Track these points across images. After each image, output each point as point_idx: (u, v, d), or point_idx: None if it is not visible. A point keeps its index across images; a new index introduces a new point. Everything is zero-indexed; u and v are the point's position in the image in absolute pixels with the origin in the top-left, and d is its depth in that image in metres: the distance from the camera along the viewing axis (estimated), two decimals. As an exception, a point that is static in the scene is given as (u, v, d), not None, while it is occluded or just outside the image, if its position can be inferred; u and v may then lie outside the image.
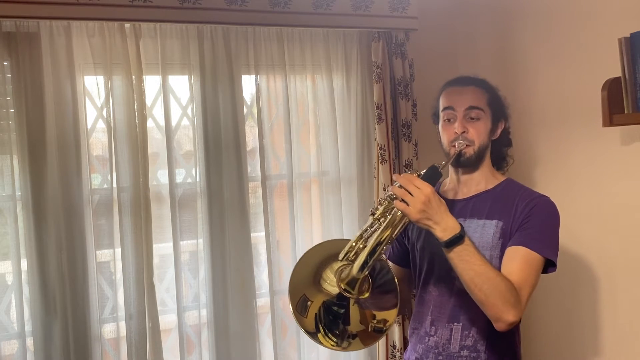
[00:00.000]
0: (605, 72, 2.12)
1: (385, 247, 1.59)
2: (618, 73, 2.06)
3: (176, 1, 2.35)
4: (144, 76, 2.39)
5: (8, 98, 2.26)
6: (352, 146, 2.78)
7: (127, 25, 2.36)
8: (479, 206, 1.79)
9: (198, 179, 2.53)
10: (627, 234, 2.27)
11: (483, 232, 1.74)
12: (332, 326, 1.63)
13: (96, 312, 2.37)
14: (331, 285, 1.62)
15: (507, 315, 1.55)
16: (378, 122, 2.71)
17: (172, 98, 2.51)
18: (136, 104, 2.37)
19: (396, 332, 2.72)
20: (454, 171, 1.86)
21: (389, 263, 1.97)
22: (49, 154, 2.26)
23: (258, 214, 2.65)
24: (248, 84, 2.64)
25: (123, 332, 2.39)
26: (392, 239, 1.61)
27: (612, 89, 2.07)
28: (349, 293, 1.60)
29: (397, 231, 1.60)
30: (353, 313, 1.63)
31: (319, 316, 1.63)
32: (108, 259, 2.44)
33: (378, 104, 2.70)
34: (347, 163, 2.79)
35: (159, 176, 2.53)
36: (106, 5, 2.25)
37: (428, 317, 1.81)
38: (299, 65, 2.69)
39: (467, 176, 1.83)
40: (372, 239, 1.57)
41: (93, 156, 2.43)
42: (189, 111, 2.53)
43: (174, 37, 2.45)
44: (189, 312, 2.55)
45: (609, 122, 2.09)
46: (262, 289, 2.67)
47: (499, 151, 1.89)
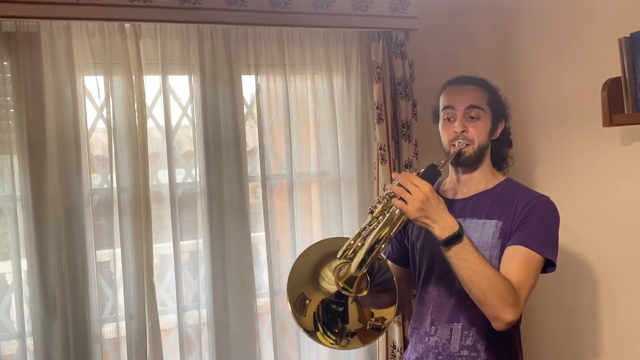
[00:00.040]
0: (605, 72, 2.12)
1: (383, 245, 1.59)
2: (618, 73, 2.06)
3: (176, 1, 2.35)
4: (144, 76, 2.39)
5: (8, 98, 2.26)
6: (352, 146, 2.78)
7: (127, 25, 2.36)
8: (479, 206, 1.79)
9: (198, 179, 2.53)
10: (627, 234, 2.27)
11: (483, 232, 1.74)
12: (331, 324, 1.63)
13: (96, 312, 2.37)
14: (329, 283, 1.62)
15: (506, 314, 1.55)
16: (378, 122, 2.71)
17: (172, 98, 2.51)
18: (136, 104, 2.37)
19: (396, 332, 2.72)
20: (454, 171, 1.86)
21: (389, 262, 1.97)
22: (49, 154, 2.26)
23: (258, 214, 2.65)
24: (248, 84, 2.64)
25: (123, 332, 2.39)
26: (391, 237, 1.61)
27: (612, 89, 2.07)
28: (347, 291, 1.60)
29: (396, 229, 1.60)
30: (351, 311, 1.63)
31: (318, 314, 1.63)
32: (108, 259, 2.44)
33: (378, 104, 2.70)
34: (347, 163, 2.79)
35: (159, 176, 2.53)
36: (106, 5, 2.25)
37: (428, 317, 1.81)
38: (299, 65, 2.69)
39: (467, 176, 1.83)
40: (370, 237, 1.57)
41: (93, 156, 2.43)
42: (189, 111, 2.53)
43: (174, 37, 2.46)
44: (189, 312, 2.55)
45: (609, 122, 2.09)
46: (262, 289, 2.67)
47: (499, 152, 1.89)
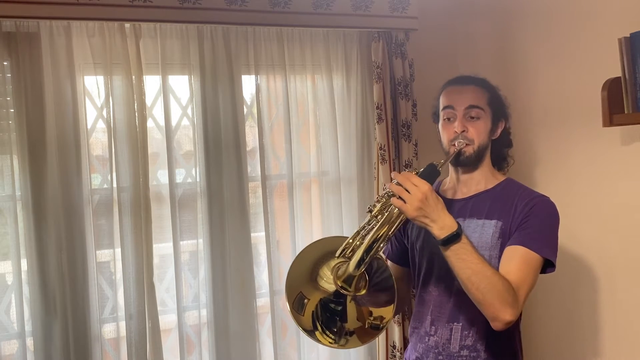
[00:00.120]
0: (605, 72, 2.12)
1: (382, 244, 1.58)
2: (618, 73, 2.06)
3: (176, 1, 2.35)
4: (144, 76, 2.39)
5: (8, 98, 2.26)
6: (352, 146, 2.78)
7: (127, 25, 2.36)
8: (479, 206, 1.78)
9: (198, 179, 2.53)
10: (627, 234, 2.27)
11: (482, 232, 1.74)
12: (330, 324, 1.62)
13: (96, 312, 2.37)
14: (328, 282, 1.62)
15: (504, 314, 1.54)
16: (378, 122, 2.71)
17: (172, 98, 2.51)
18: (136, 104, 2.37)
19: (396, 332, 2.72)
20: (454, 170, 1.86)
21: (389, 262, 1.97)
22: (49, 154, 2.26)
23: (258, 214, 2.65)
24: (248, 84, 2.64)
25: (123, 332, 2.39)
26: (389, 236, 1.60)
27: (612, 89, 2.07)
28: (346, 290, 1.60)
29: (394, 228, 1.59)
30: (350, 310, 1.62)
31: (316, 314, 1.62)
32: (108, 259, 2.44)
33: (378, 104, 2.70)
34: (347, 163, 2.79)
35: (159, 176, 2.53)
36: (106, 5, 2.26)
37: (428, 317, 1.81)
38: (299, 65, 2.69)
39: (467, 176, 1.83)
40: (369, 236, 1.57)
41: (93, 156, 2.43)
42: (189, 111, 2.53)
43: (174, 37, 2.46)
44: (189, 312, 2.55)
45: (609, 122, 2.09)
46: (262, 289, 2.67)
47: (500, 151, 1.89)
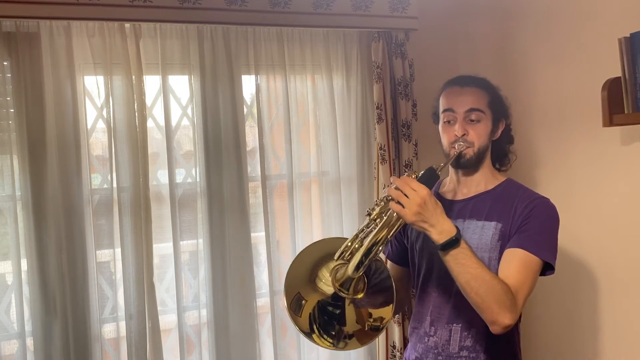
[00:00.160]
0: (605, 72, 2.12)
1: (381, 248, 1.58)
2: (618, 73, 2.06)
3: (176, 1, 2.35)
4: (144, 76, 2.39)
5: (8, 98, 2.26)
6: (352, 146, 2.78)
7: (127, 25, 2.36)
8: (479, 207, 1.78)
9: (198, 179, 2.53)
10: (627, 234, 2.27)
11: (482, 234, 1.74)
12: (327, 327, 1.61)
13: (96, 312, 2.37)
14: (326, 284, 1.61)
15: (503, 318, 1.54)
16: (378, 122, 2.71)
17: (172, 98, 2.51)
18: (136, 104, 2.37)
19: (396, 332, 2.72)
20: (454, 171, 1.85)
21: (388, 262, 1.97)
22: (49, 154, 2.26)
23: (258, 214, 2.65)
24: (248, 84, 2.64)
25: (123, 332, 2.39)
26: (388, 240, 1.60)
27: (612, 89, 2.07)
28: (344, 293, 1.59)
29: (393, 232, 1.59)
30: (349, 313, 1.61)
31: (314, 316, 1.61)
32: (108, 259, 2.44)
33: (378, 104, 2.70)
34: (347, 163, 2.79)
35: (159, 176, 2.53)
36: (106, 5, 2.26)
37: (427, 318, 1.81)
38: (299, 65, 2.69)
39: (467, 176, 1.82)
40: (368, 239, 1.56)
41: (93, 156, 2.43)
42: (189, 111, 2.53)
43: (174, 37, 2.46)
44: (189, 312, 2.55)
45: (609, 122, 2.09)
46: (262, 289, 2.67)
47: (501, 149, 1.88)
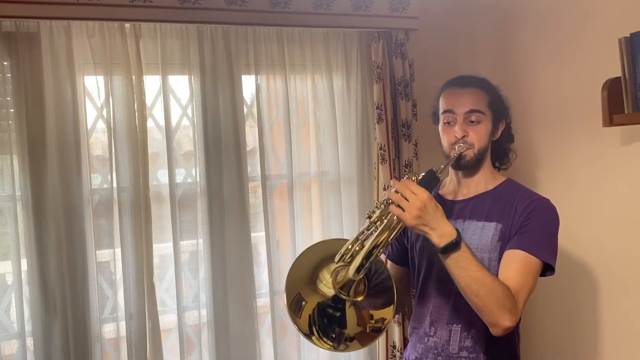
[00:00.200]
0: (605, 72, 2.12)
1: (381, 250, 1.57)
2: (618, 73, 2.06)
3: (176, 1, 2.35)
4: (144, 76, 2.39)
5: (8, 98, 2.26)
6: (352, 146, 2.78)
7: (127, 25, 2.36)
8: (479, 207, 1.78)
9: (198, 179, 2.53)
10: (627, 234, 2.27)
11: (482, 234, 1.73)
12: (327, 330, 1.61)
13: (96, 312, 2.37)
14: (327, 286, 1.60)
15: (503, 320, 1.54)
16: (378, 122, 2.71)
17: (172, 98, 2.51)
18: (136, 104, 2.37)
19: (396, 332, 2.72)
20: (454, 172, 1.85)
21: (389, 262, 1.97)
22: (49, 154, 2.26)
23: (258, 214, 2.65)
24: (248, 84, 2.64)
25: (123, 332, 2.39)
26: (389, 243, 1.59)
27: (612, 89, 2.07)
28: (344, 295, 1.58)
29: (394, 235, 1.58)
30: (349, 316, 1.61)
31: (313, 318, 1.61)
32: (108, 259, 2.44)
33: (378, 104, 2.70)
34: (347, 163, 2.79)
35: (159, 176, 2.53)
36: (106, 5, 2.26)
37: (427, 318, 1.81)
38: (299, 65, 2.69)
39: (467, 177, 1.82)
40: (369, 242, 1.56)
41: (93, 156, 2.43)
42: (189, 111, 2.53)
43: (174, 37, 2.46)
44: (189, 312, 2.55)
45: (609, 122, 2.09)
46: (262, 289, 2.67)
47: (501, 148, 1.87)
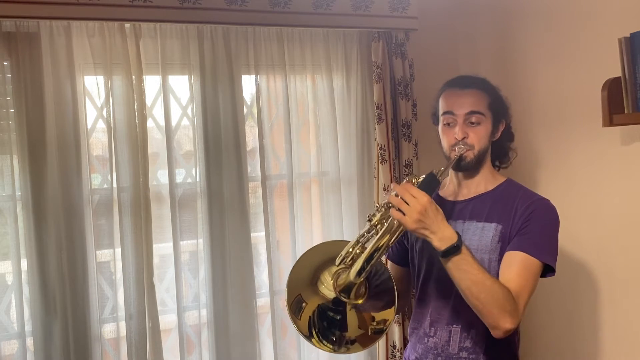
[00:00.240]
0: (605, 72, 2.12)
1: (382, 253, 1.57)
2: (618, 73, 2.06)
3: (176, 1, 2.35)
4: (144, 76, 2.39)
5: (8, 98, 2.26)
6: (352, 146, 2.78)
7: (127, 25, 2.36)
8: (479, 208, 1.78)
9: (198, 179, 2.53)
10: (627, 234, 2.27)
11: (482, 235, 1.73)
12: (327, 333, 1.60)
13: (96, 312, 2.37)
14: (328, 288, 1.60)
15: (504, 323, 1.55)
16: (378, 122, 2.71)
17: (172, 98, 2.51)
18: (136, 104, 2.37)
19: (396, 332, 2.72)
20: (454, 173, 1.84)
21: (389, 262, 1.97)
22: (49, 154, 2.26)
23: (258, 214, 2.65)
24: (248, 84, 2.64)
25: (123, 332, 2.39)
26: (389, 246, 1.59)
27: (612, 89, 2.07)
28: (345, 298, 1.58)
29: (395, 238, 1.58)
30: (351, 319, 1.60)
31: (313, 321, 1.60)
32: (108, 259, 2.44)
33: (378, 104, 2.70)
34: (347, 163, 2.79)
35: (159, 176, 2.53)
36: (106, 5, 2.26)
37: (427, 318, 1.81)
38: (299, 65, 2.69)
39: (467, 178, 1.82)
40: (370, 245, 1.56)
41: (93, 156, 2.43)
42: (189, 111, 2.53)
43: (174, 37, 2.46)
44: (189, 312, 2.55)
45: (609, 122, 2.09)
46: (262, 289, 2.67)
47: (501, 147, 1.87)
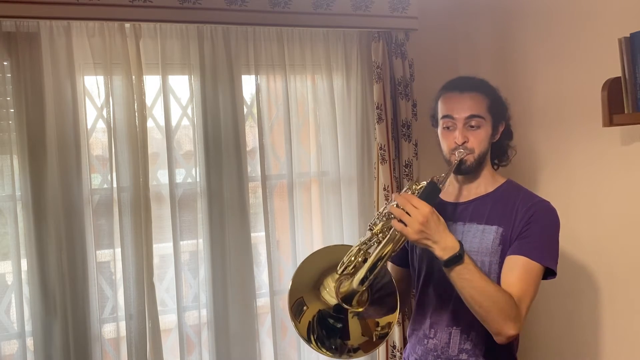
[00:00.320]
0: (605, 72, 2.12)
1: (385, 262, 1.56)
2: (618, 73, 2.06)
3: (176, 1, 2.35)
4: (144, 76, 2.39)
5: (8, 98, 2.26)
6: (352, 146, 2.78)
7: (127, 25, 2.36)
8: (479, 210, 1.77)
9: (198, 179, 2.53)
10: (627, 234, 2.27)
11: (483, 238, 1.73)
12: (325, 341, 1.58)
13: (96, 312, 2.37)
14: (330, 294, 1.59)
15: (507, 329, 1.55)
16: (378, 122, 2.71)
17: (172, 98, 2.51)
18: (136, 104, 2.37)
19: (396, 332, 2.72)
20: (454, 176, 1.84)
21: (389, 264, 1.96)
22: (49, 154, 2.26)
23: (258, 214, 2.65)
24: (248, 84, 2.64)
25: (123, 332, 2.39)
26: (392, 255, 1.58)
27: (612, 89, 2.07)
28: (347, 305, 1.57)
29: (398, 247, 1.57)
30: (353, 327, 1.59)
31: (312, 326, 1.59)
32: (108, 259, 2.44)
33: (378, 104, 2.70)
34: (347, 163, 2.79)
35: (159, 176, 2.53)
36: (106, 5, 2.25)
37: (427, 320, 1.81)
38: (299, 65, 2.69)
39: (467, 180, 1.82)
40: (373, 255, 1.55)
41: (93, 156, 2.43)
42: (189, 111, 2.53)
43: (174, 37, 2.46)
44: (189, 312, 2.55)
45: (609, 122, 2.09)
46: (262, 289, 2.67)
47: (501, 146, 1.87)
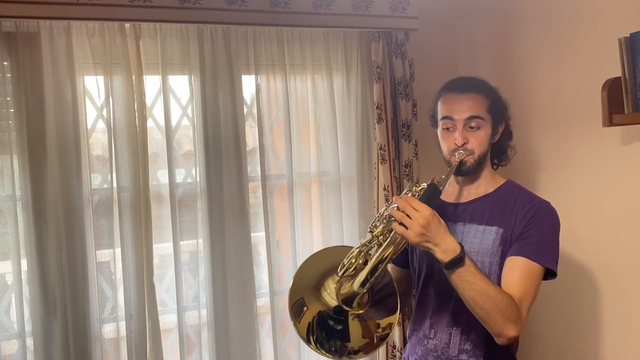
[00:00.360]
0: (605, 72, 2.12)
1: (386, 265, 1.56)
2: (618, 73, 2.06)
3: (176, 1, 2.35)
4: (144, 76, 2.39)
5: (8, 98, 2.26)
6: (352, 146, 2.78)
7: (127, 25, 2.36)
8: (479, 210, 1.77)
9: (198, 179, 2.53)
10: (627, 234, 2.27)
11: (483, 238, 1.73)
12: (325, 344, 1.58)
13: (96, 312, 2.37)
14: (330, 296, 1.58)
15: (508, 331, 1.56)
16: (378, 122, 2.71)
17: (172, 98, 2.51)
18: (136, 104, 2.37)
19: (396, 332, 2.72)
20: (454, 176, 1.83)
21: (390, 264, 1.96)
22: (49, 154, 2.26)
23: (258, 214, 2.65)
24: (248, 84, 2.64)
25: (123, 332, 2.39)
26: (393, 257, 1.58)
27: (612, 89, 2.07)
28: (347, 307, 1.57)
29: (399, 250, 1.57)
30: (354, 329, 1.58)
31: (312, 327, 1.58)
32: (108, 259, 2.44)
33: (378, 104, 2.70)
34: (347, 163, 2.79)
35: (159, 176, 2.53)
36: (106, 5, 2.25)
37: (427, 320, 1.81)
38: (299, 65, 2.69)
39: (467, 180, 1.82)
40: (375, 257, 1.54)
41: (93, 156, 2.43)
42: (189, 111, 2.53)
43: (174, 37, 2.46)
44: (189, 312, 2.55)
45: (609, 122, 2.09)
46: (262, 289, 2.67)
47: (500, 146, 1.86)
